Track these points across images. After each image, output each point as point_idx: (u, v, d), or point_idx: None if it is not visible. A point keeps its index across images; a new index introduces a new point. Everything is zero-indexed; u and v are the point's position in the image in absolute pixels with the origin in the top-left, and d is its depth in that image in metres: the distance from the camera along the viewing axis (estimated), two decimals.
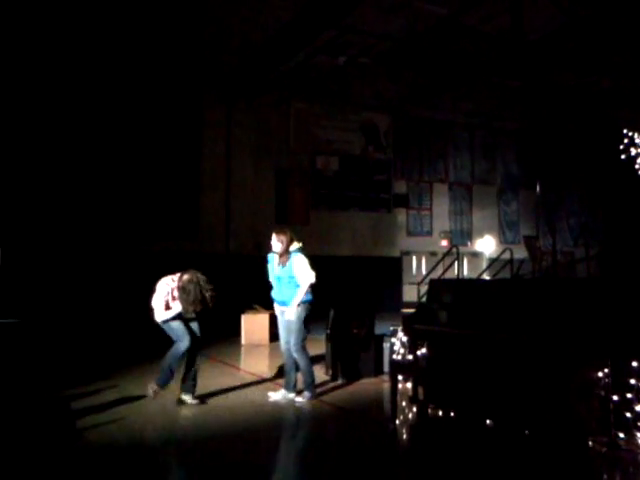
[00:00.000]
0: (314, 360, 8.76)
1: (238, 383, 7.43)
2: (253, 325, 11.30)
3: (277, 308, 6.82)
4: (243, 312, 11.40)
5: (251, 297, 12.00)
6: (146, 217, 15.99)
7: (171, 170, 16.63)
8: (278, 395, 6.63)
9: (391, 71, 17.86)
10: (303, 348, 6.58)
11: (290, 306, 6.54)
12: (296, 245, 6.73)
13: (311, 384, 6.60)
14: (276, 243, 6.67)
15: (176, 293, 6.26)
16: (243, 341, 11.12)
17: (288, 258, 6.61)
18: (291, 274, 6.56)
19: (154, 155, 16.36)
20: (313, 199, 18.76)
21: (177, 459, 5.00)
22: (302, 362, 6.55)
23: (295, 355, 6.55)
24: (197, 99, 17.15)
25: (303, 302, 6.59)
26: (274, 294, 6.77)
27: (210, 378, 7.47)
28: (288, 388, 6.63)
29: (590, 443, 4.72)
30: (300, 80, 17.55)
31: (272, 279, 6.75)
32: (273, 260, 6.75)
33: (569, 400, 4.88)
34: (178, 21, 14.19)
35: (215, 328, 11.75)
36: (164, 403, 6.33)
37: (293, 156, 18.52)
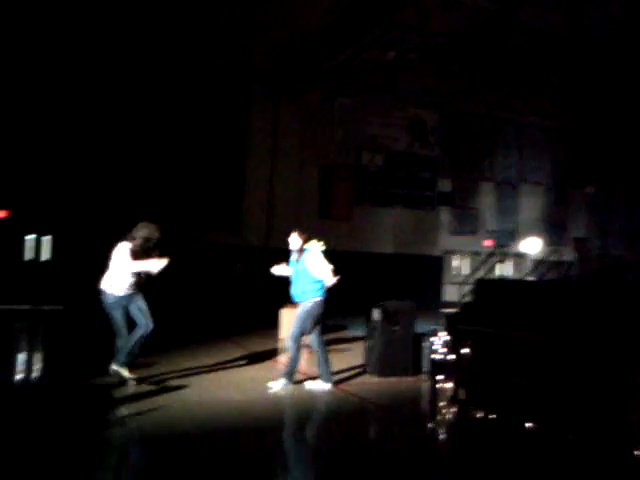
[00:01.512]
0: (355, 357, 8.77)
1: (276, 375, 7.43)
2: (292, 319, 11.28)
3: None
4: (282, 306, 11.40)
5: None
6: (194, 210, 16.23)
7: (217, 166, 16.83)
8: (277, 385, 6.77)
9: (440, 67, 17.60)
10: (297, 341, 6.83)
11: (306, 301, 6.80)
12: (314, 243, 7.01)
13: (291, 373, 6.82)
14: (294, 240, 7.03)
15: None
16: (281, 335, 11.13)
17: (303, 255, 6.91)
18: (306, 270, 6.79)
19: (202, 149, 16.58)
20: (357, 195, 18.66)
21: (215, 446, 5.02)
22: (292, 352, 6.80)
23: (288, 342, 6.83)
24: (244, 95, 17.28)
25: (314, 297, 6.83)
26: (291, 289, 7.01)
27: (249, 370, 7.50)
28: (288, 377, 6.83)
29: (636, 453, 4.54)
30: (346, 76, 17.45)
31: (292, 275, 7.03)
32: (292, 257, 7.07)
33: (619, 407, 4.70)
34: (226, 17, 14.29)
35: (254, 322, 11.82)
36: (202, 393, 6.38)
37: (338, 152, 18.46)
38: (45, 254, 15.57)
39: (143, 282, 6.64)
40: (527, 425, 5.28)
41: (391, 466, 4.58)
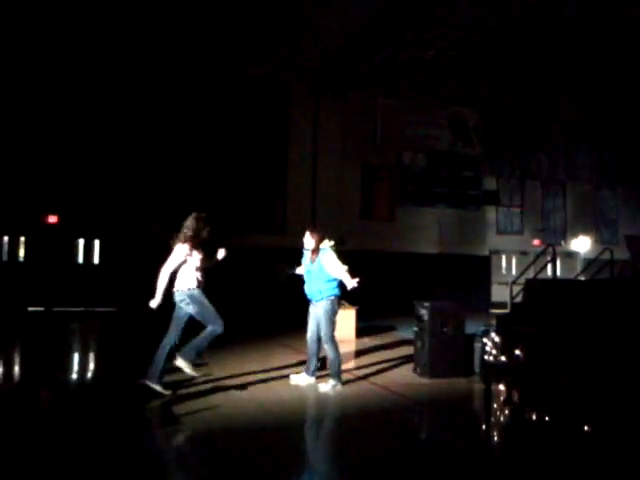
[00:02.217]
0: (403, 357, 8.72)
1: (324, 376, 7.43)
2: (339, 321, 11.29)
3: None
4: None
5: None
6: (239, 213, 16.43)
7: (259, 165, 16.99)
8: (300, 378, 6.90)
9: (481, 64, 17.39)
10: (332, 339, 6.82)
11: (322, 300, 6.79)
12: (327, 243, 6.98)
13: (337, 373, 6.81)
14: (308, 240, 6.95)
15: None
16: None
17: (318, 255, 6.86)
18: (321, 269, 6.80)
19: (245, 151, 16.78)
20: (399, 195, 18.57)
21: (267, 445, 5.06)
22: (331, 353, 6.79)
23: (325, 346, 6.81)
24: (284, 93, 17.39)
25: (329, 296, 6.81)
26: (305, 288, 7.00)
27: (298, 370, 7.52)
28: (308, 372, 6.93)
29: None
30: (387, 75, 17.40)
31: (304, 274, 7.02)
32: (305, 256, 7.04)
33: None
34: (268, 17, 14.42)
35: (299, 322, 11.85)
36: (254, 392, 6.44)
37: (380, 152, 18.40)
38: (95, 258, 15.99)
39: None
40: (582, 427, 5.16)
41: (445, 467, 4.53)
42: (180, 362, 6.16)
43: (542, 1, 13.51)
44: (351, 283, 6.69)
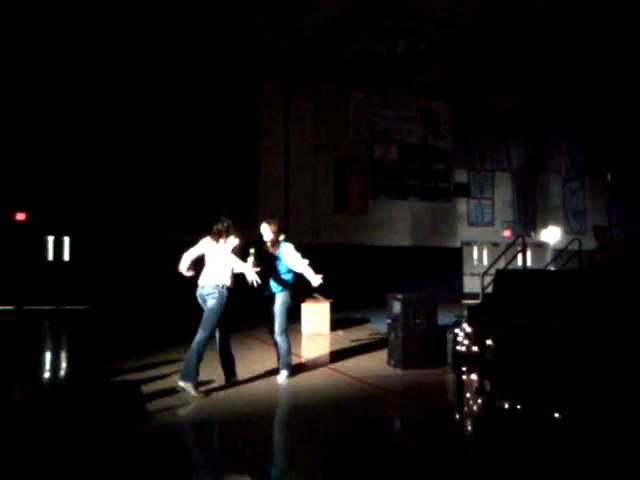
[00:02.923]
0: (377, 349, 8.79)
1: (302, 371, 7.47)
2: (313, 314, 11.36)
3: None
4: (303, 301, 11.44)
5: (310, 286, 12.07)
6: (209, 208, 16.27)
7: (231, 161, 16.90)
8: (282, 377, 6.81)
9: (451, 58, 17.53)
10: (285, 332, 6.81)
11: (280, 292, 6.81)
12: (282, 236, 6.98)
13: (289, 364, 6.88)
14: (268, 233, 6.85)
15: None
16: (304, 330, 11.19)
17: (278, 247, 6.86)
18: (281, 262, 6.79)
19: (214, 145, 16.66)
20: (372, 188, 18.66)
21: (242, 438, 5.08)
22: (283, 346, 6.79)
23: (277, 338, 6.79)
24: (255, 89, 17.31)
25: (287, 289, 6.83)
26: (264, 281, 6.82)
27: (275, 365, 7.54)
28: (289, 368, 6.89)
29: None
30: (359, 69, 17.44)
31: (263, 267, 6.81)
32: (262, 249, 6.92)
33: None
34: (237, 9, 14.30)
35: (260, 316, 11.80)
36: (229, 387, 6.44)
37: (352, 145, 18.46)
38: (65, 255, 15.77)
39: None
40: (553, 415, 5.28)
41: (417, 457, 4.60)
42: (182, 384, 5.97)
43: None
44: (316, 280, 6.60)
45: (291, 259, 6.76)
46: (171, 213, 15.85)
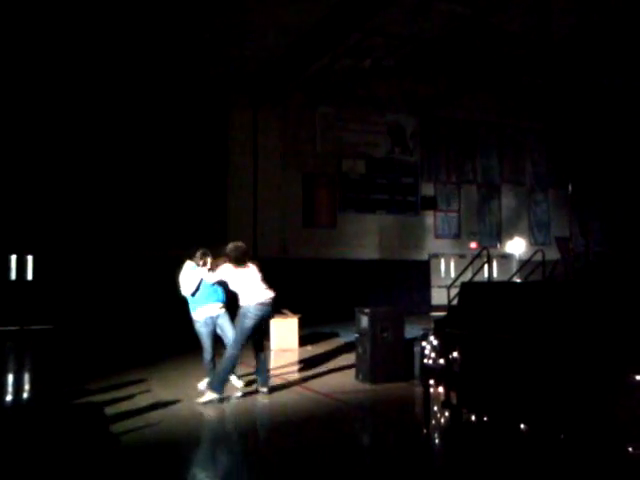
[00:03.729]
0: (346, 364, 8.78)
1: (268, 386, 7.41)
2: (282, 329, 11.31)
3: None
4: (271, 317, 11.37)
5: (279, 301, 12.03)
6: (175, 224, 16.15)
7: (198, 176, 16.79)
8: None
9: (417, 73, 17.81)
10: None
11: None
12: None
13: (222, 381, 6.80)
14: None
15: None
16: (272, 346, 11.13)
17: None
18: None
19: (181, 161, 16.54)
20: (340, 202, 18.74)
21: (211, 460, 5.02)
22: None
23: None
24: (222, 104, 17.28)
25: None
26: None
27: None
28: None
29: (630, 449, 4.60)
30: (326, 84, 17.59)
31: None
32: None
33: (608, 405, 4.77)
34: (203, 25, 14.29)
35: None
36: (194, 406, 6.37)
37: (320, 160, 18.53)
38: (29, 274, 15.43)
39: None
40: (519, 427, 5.33)
41: (383, 470, 4.60)
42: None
43: (473, 13, 13.97)
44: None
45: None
46: (137, 230, 15.65)
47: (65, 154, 15.28)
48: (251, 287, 6.75)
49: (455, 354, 6.23)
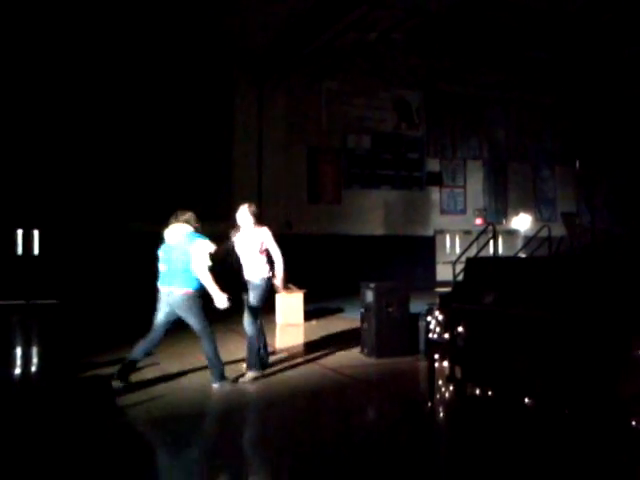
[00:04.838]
0: (351, 339, 8.81)
1: (275, 362, 7.46)
2: (287, 305, 11.35)
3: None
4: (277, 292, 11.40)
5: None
6: (181, 198, 16.09)
7: (203, 151, 16.75)
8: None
9: (423, 46, 17.55)
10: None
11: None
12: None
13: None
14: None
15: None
16: (278, 321, 11.18)
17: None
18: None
19: (186, 137, 16.48)
20: (345, 178, 18.67)
21: (213, 433, 5.07)
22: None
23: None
24: (227, 80, 17.16)
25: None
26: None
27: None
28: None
29: (634, 423, 4.62)
30: (331, 58, 17.37)
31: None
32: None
33: (613, 380, 4.77)
34: (207, 2, 14.11)
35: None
36: (200, 380, 6.41)
37: (325, 135, 18.43)
38: (35, 248, 15.50)
39: None
40: (523, 401, 5.35)
41: (389, 444, 4.64)
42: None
43: None
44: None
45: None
46: (143, 205, 15.65)
47: (72, 129, 15.24)
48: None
49: (460, 329, 6.24)
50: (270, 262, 6.69)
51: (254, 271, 6.60)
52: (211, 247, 6.12)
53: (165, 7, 14.04)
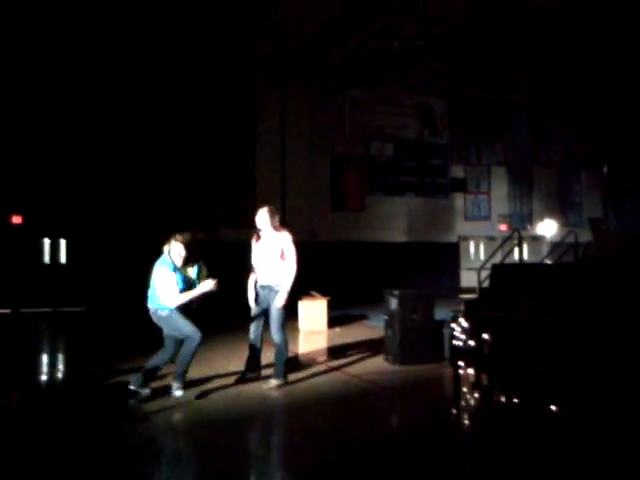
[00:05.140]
0: (374, 346, 8.77)
1: (299, 369, 7.45)
2: (311, 312, 11.34)
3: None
4: (300, 299, 11.42)
5: (307, 283, 12.06)
6: (205, 207, 16.30)
7: (226, 160, 16.86)
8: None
9: (446, 53, 17.52)
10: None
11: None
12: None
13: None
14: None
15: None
16: (301, 328, 11.17)
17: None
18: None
19: (209, 145, 16.62)
20: (369, 185, 18.65)
21: (238, 439, 5.07)
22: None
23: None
24: (251, 87, 17.26)
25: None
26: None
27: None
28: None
29: None
30: (354, 66, 17.41)
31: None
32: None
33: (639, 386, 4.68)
34: (232, 9, 14.26)
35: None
36: (223, 386, 6.42)
37: (348, 143, 18.43)
38: (62, 257, 15.74)
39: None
40: (550, 408, 5.27)
41: (415, 451, 4.59)
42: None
43: None
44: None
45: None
46: (169, 213, 15.79)
47: (98, 139, 15.44)
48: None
49: (486, 336, 6.17)
50: None
51: (274, 276, 6.46)
52: (170, 278, 6.02)
53: (192, 13, 14.22)
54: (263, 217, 6.60)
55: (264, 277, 6.53)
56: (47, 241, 15.68)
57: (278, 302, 6.36)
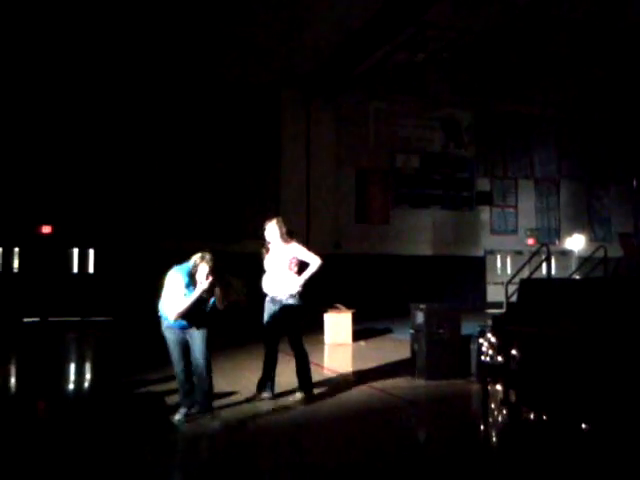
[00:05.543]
0: (400, 360, 8.70)
1: (324, 382, 7.42)
2: (335, 324, 11.31)
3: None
4: (325, 311, 11.42)
5: (333, 296, 12.05)
6: (230, 219, 16.42)
7: (251, 172, 17.00)
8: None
9: (472, 66, 17.46)
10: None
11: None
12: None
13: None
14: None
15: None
16: (326, 341, 11.14)
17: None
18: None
19: (235, 158, 16.78)
20: (393, 198, 18.61)
21: (265, 451, 5.06)
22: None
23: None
24: (276, 99, 17.41)
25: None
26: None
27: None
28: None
29: None
30: (379, 79, 17.46)
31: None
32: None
33: None
34: (258, 21, 14.38)
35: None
36: (250, 396, 6.42)
37: (373, 155, 18.45)
38: (90, 267, 15.97)
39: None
40: (580, 426, 5.18)
41: (444, 467, 4.53)
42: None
43: (530, 1, 13.60)
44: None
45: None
46: (196, 224, 15.98)
47: (126, 149, 15.72)
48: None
49: (514, 351, 6.10)
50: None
51: (281, 288, 6.41)
52: (180, 280, 5.66)
53: (217, 26, 14.38)
54: (273, 229, 6.57)
55: (273, 289, 6.50)
56: (76, 251, 15.92)
57: (293, 288, 6.33)
